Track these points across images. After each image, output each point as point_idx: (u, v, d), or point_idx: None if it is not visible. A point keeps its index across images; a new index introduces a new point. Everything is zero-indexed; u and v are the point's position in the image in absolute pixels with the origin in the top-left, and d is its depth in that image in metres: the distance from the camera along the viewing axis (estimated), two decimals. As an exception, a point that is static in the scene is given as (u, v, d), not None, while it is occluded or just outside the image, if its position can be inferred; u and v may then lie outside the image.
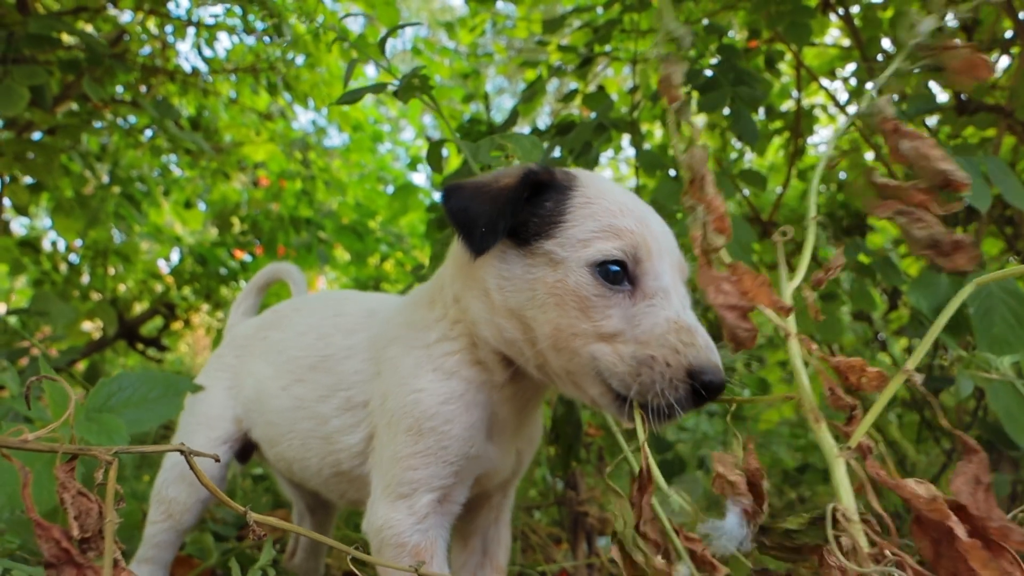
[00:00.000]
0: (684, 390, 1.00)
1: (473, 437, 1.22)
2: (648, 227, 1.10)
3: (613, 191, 1.15)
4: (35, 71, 2.08)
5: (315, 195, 3.61)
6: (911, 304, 1.71)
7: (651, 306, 1.06)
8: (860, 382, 0.96)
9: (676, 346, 1.01)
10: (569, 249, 1.08)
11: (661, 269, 1.08)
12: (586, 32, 2.62)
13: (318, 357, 1.44)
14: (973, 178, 1.63)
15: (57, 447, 0.72)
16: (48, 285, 3.26)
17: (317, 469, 1.43)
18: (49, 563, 0.70)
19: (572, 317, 1.07)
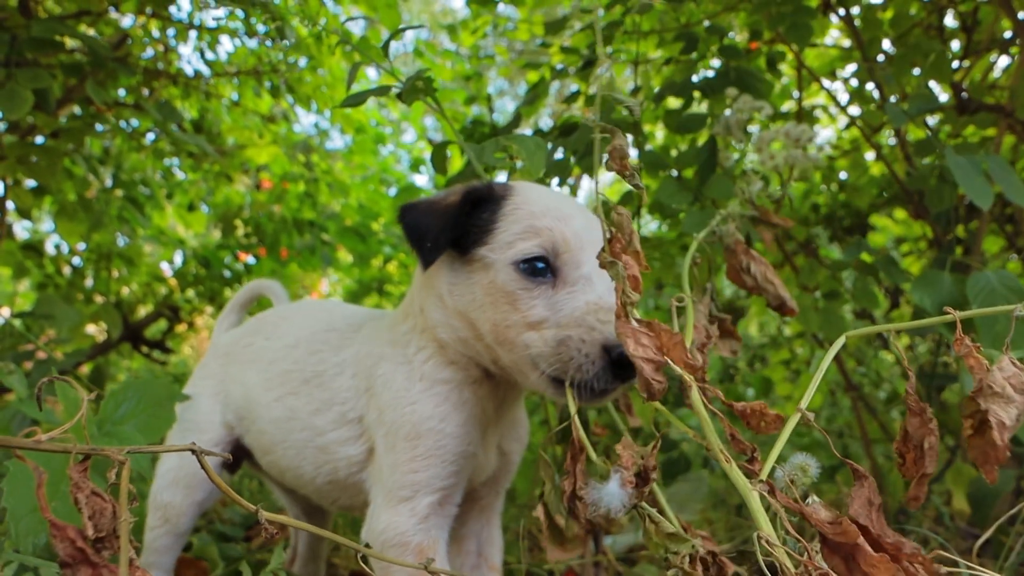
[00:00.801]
0: (600, 364, 1.11)
1: (468, 433, 1.31)
2: (569, 224, 1.21)
3: (541, 197, 1.26)
4: (39, 74, 2.09)
5: (318, 197, 3.62)
6: (914, 302, 1.72)
7: (571, 292, 1.17)
8: (760, 425, 1.02)
9: (592, 324, 1.13)
10: (498, 252, 1.21)
11: (583, 259, 1.19)
12: (587, 34, 2.63)
13: (311, 372, 1.50)
14: (975, 176, 1.65)
15: (71, 447, 0.73)
16: (52, 288, 3.26)
17: (311, 477, 1.48)
18: (65, 562, 0.71)
19: (504, 311, 1.20)
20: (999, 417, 0.91)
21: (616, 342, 1.08)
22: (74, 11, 2.70)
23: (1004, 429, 0.91)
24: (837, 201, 3.45)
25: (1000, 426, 0.91)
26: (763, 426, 1.01)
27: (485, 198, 1.26)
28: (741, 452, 1.01)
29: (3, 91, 2.02)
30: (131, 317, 3.67)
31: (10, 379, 1.55)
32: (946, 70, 2.03)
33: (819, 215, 3.22)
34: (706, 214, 1.81)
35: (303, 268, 3.81)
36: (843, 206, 3.46)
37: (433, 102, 1.55)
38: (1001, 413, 0.92)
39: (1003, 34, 2.38)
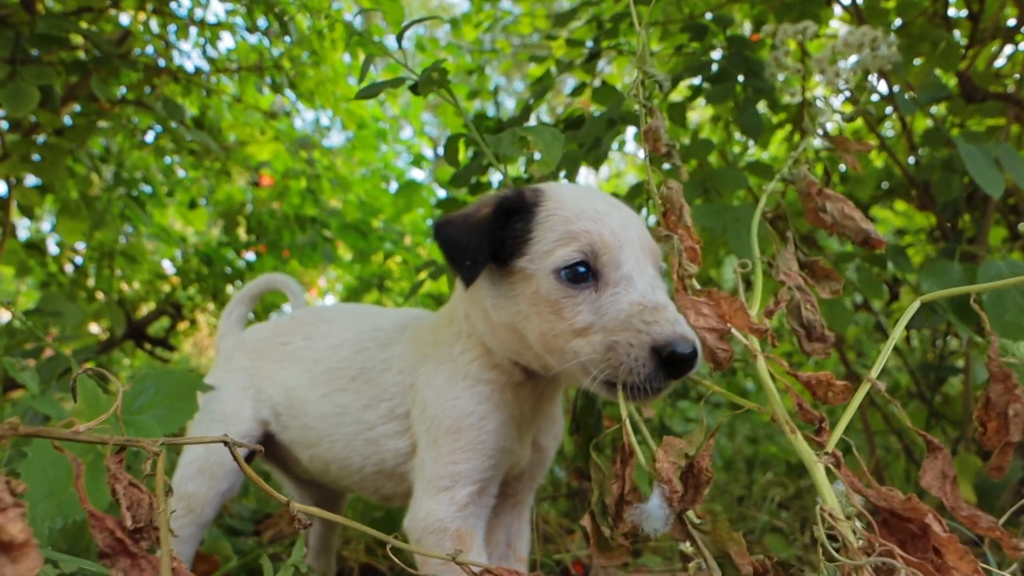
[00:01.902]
0: (651, 366, 1.10)
1: (507, 431, 1.35)
2: (605, 223, 1.20)
3: (573, 199, 1.25)
4: (44, 71, 2.08)
5: (320, 194, 3.61)
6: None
7: (615, 294, 1.16)
8: (827, 395, 1.01)
9: (638, 326, 1.11)
10: (537, 262, 1.21)
11: (622, 259, 1.18)
12: (590, 27, 2.63)
13: (358, 369, 1.56)
14: (986, 165, 1.65)
15: (107, 439, 0.73)
16: (55, 287, 3.25)
17: (359, 467, 1.54)
18: (104, 553, 0.71)
19: (550, 321, 1.20)
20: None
21: (664, 341, 1.08)
22: (75, 8, 2.68)
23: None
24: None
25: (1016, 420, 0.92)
26: (831, 396, 1.01)
27: (518, 207, 1.25)
28: (809, 422, 1.01)
29: (9, 88, 2.01)
30: (134, 315, 3.66)
31: (22, 375, 1.55)
32: (954, 59, 2.04)
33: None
34: (715, 207, 1.82)
35: (304, 265, 3.80)
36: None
37: (448, 94, 1.56)
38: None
39: (1007, 22, 2.38)
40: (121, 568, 0.71)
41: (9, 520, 0.59)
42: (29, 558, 0.60)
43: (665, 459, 1.03)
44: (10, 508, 0.60)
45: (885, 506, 0.90)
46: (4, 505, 0.60)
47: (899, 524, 0.89)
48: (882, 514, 0.90)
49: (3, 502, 0.60)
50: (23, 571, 0.59)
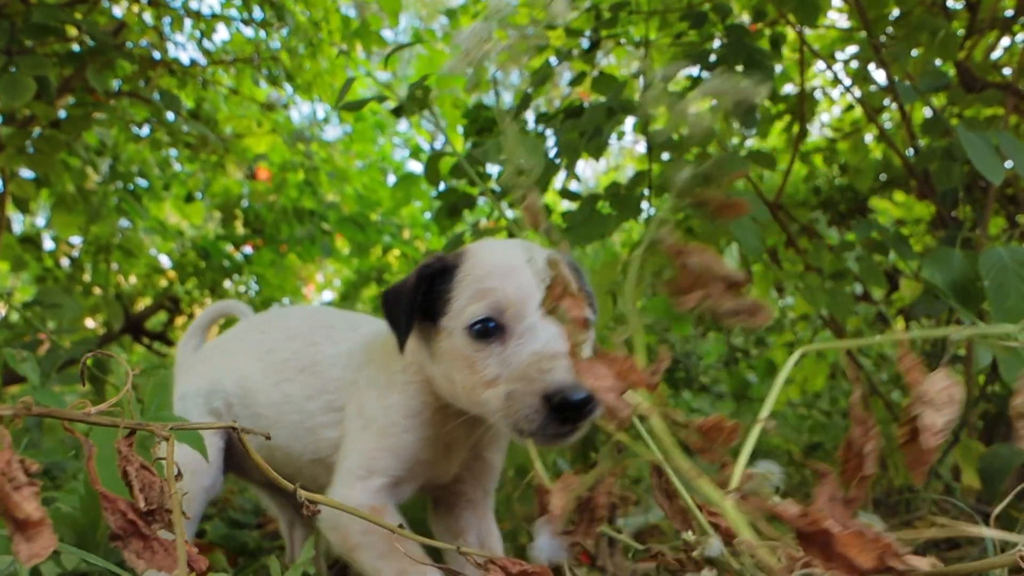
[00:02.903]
0: (544, 412, 1.15)
1: (428, 447, 1.43)
2: (512, 279, 1.26)
3: (488, 258, 1.33)
4: (40, 61, 2.07)
5: (318, 187, 3.60)
6: (926, 278, 1.72)
7: (519, 345, 1.23)
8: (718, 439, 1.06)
9: (533, 376, 1.17)
10: (454, 320, 1.29)
11: (526, 311, 1.24)
12: (588, 17, 2.62)
13: (307, 361, 1.63)
14: (987, 153, 1.65)
15: (119, 422, 0.72)
16: (51, 281, 3.24)
17: (299, 455, 1.60)
18: (116, 535, 0.70)
19: (467, 374, 1.27)
20: (929, 421, 0.98)
21: (555, 388, 1.13)
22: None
23: (932, 433, 0.98)
24: (834, 186, 3.47)
25: (930, 430, 0.98)
26: (721, 440, 1.06)
27: (440, 271, 1.34)
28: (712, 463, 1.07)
29: (4, 78, 1.99)
30: (131, 309, 3.65)
31: (23, 367, 1.54)
32: (953, 48, 2.04)
33: (820, 197, 3.24)
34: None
35: (302, 258, 3.79)
36: (840, 190, 3.48)
37: (431, 115, 1.58)
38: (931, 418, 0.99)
39: (1005, 13, 2.39)
40: (134, 550, 0.71)
41: (24, 498, 0.59)
42: (44, 536, 0.60)
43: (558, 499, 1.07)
44: (25, 487, 0.60)
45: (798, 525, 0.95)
46: (19, 484, 0.59)
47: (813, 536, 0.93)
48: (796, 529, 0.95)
49: (17, 481, 0.59)
50: (38, 549, 0.59)
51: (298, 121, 3.94)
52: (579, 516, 1.09)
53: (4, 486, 0.58)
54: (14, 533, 0.59)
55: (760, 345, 3.46)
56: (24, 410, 0.62)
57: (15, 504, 0.58)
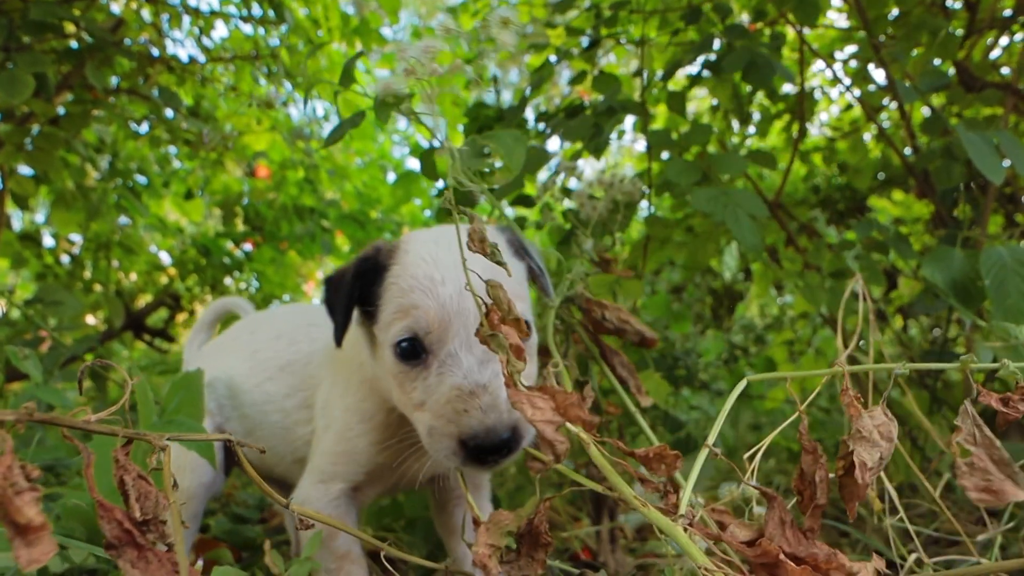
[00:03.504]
0: (462, 455, 1.12)
1: (381, 452, 1.39)
2: (435, 296, 1.17)
3: (413, 263, 1.23)
4: (39, 58, 2.06)
5: (318, 184, 3.60)
6: (926, 277, 1.73)
7: (440, 374, 1.16)
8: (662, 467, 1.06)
9: (450, 416, 1.12)
10: (382, 333, 1.23)
11: (450, 334, 1.16)
12: (588, 16, 2.62)
13: (286, 360, 1.62)
14: (987, 152, 1.66)
15: (117, 430, 0.73)
16: (51, 278, 3.24)
17: (282, 455, 1.60)
18: (111, 544, 0.70)
19: (398, 390, 1.23)
20: (863, 458, 1.00)
21: (470, 434, 1.09)
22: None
23: (866, 470, 0.99)
24: (832, 184, 3.47)
25: (863, 467, 0.99)
26: (664, 468, 1.05)
27: (373, 268, 1.27)
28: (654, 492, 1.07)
29: (3, 76, 1.99)
30: (132, 306, 3.65)
31: (25, 364, 1.54)
32: (953, 48, 2.04)
33: (819, 196, 3.24)
34: (713, 191, 1.81)
35: (302, 256, 3.79)
36: (839, 189, 3.48)
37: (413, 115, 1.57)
38: (865, 455, 1.00)
39: (1003, 12, 2.39)
40: (128, 559, 0.71)
41: (25, 503, 0.59)
42: (44, 542, 0.60)
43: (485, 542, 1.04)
44: (26, 492, 0.60)
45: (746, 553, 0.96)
46: (20, 489, 0.59)
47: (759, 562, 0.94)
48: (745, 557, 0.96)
49: (19, 486, 0.60)
50: (38, 554, 0.59)
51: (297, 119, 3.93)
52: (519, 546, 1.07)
53: (5, 491, 0.58)
54: (15, 538, 0.59)
55: (760, 343, 3.46)
56: (26, 415, 0.62)
57: (16, 509, 0.58)
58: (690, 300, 3.57)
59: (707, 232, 2.38)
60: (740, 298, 3.73)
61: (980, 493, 1.03)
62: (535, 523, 1.05)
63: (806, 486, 1.05)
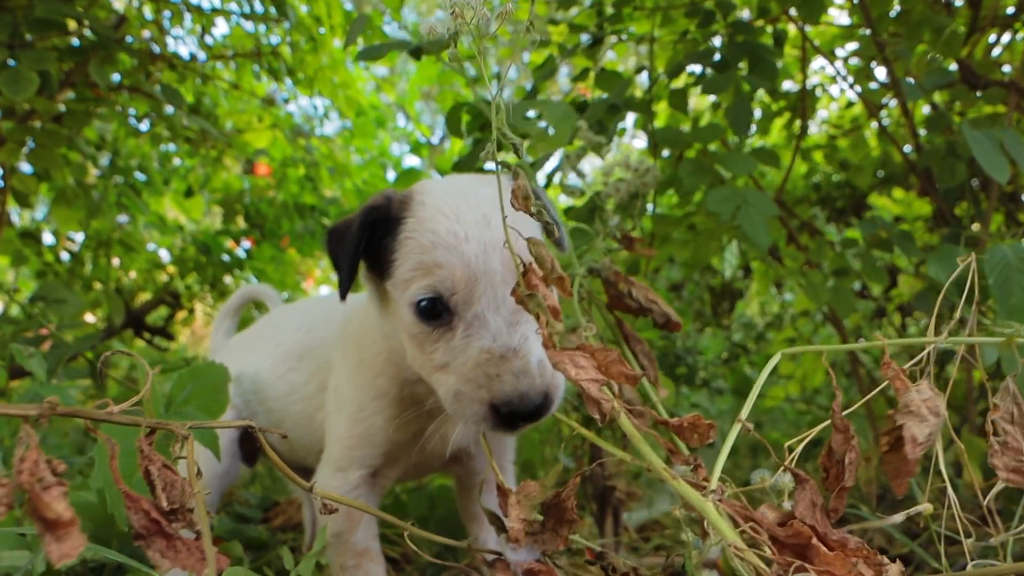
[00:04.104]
0: (492, 420, 1.08)
1: (398, 428, 1.34)
2: (460, 252, 1.11)
3: (433, 217, 1.15)
4: (43, 55, 2.06)
5: (319, 182, 3.59)
6: (931, 275, 1.73)
7: (466, 336, 1.11)
8: (694, 437, 1.05)
9: (481, 381, 1.07)
10: (398, 290, 1.16)
11: (476, 295, 1.10)
12: (590, 14, 2.62)
13: (305, 348, 1.61)
14: (992, 151, 1.66)
15: (140, 420, 0.73)
16: (51, 276, 3.23)
17: (308, 448, 1.57)
18: (139, 534, 0.71)
19: (415, 352, 1.18)
20: (913, 433, 0.99)
21: (503, 399, 1.05)
22: (70, -8, 2.65)
23: (916, 444, 0.98)
24: (831, 183, 3.48)
25: (913, 441, 0.98)
26: (696, 438, 1.05)
27: (384, 219, 1.19)
28: (684, 464, 1.06)
29: (8, 73, 1.99)
30: (131, 304, 3.64)
31: (30, 362, 1.54)
32: (956, 46, 2.05)
33: (820, 194, 3.25)
34: (725, 191, 1.82)
35: (302, 253, 3.79)
36: (838, 187, 3.49)
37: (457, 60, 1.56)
38: (915, 429, 0.99)
39: (1007, 10, 2.39)
40: (157, 548, 0.71)
41: (54, 498, 0.59)
42: (73, 537, 0.60)
43: (518, 516, 1.04)
44: (54, 486, 0.60)
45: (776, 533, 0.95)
46: (48, 484, 0.59)
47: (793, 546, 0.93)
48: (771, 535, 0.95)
49: (46, 481, 0.60)
50: (68, 549, 0.59)
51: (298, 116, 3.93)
52: (546, 519, 1.06)
53: (34, 486, 0.58)
54: (44, 533, 0.59)
55: (760, 341, 3.47)
56: (50, 409, 0.62)
57: (45, 504, 0.58)
58: (690, 298, 3.58)
59: (709, 230, 2.39)
60: (740, 296, 3.74)
61: (1009, 474, 1.02)
62: (563, 498, 1.04)
63: (833, 464, 1.03)
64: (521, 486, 1.06)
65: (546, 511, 1.05)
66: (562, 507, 1.04)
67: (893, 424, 1.00)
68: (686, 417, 1.04)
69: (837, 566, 0.85)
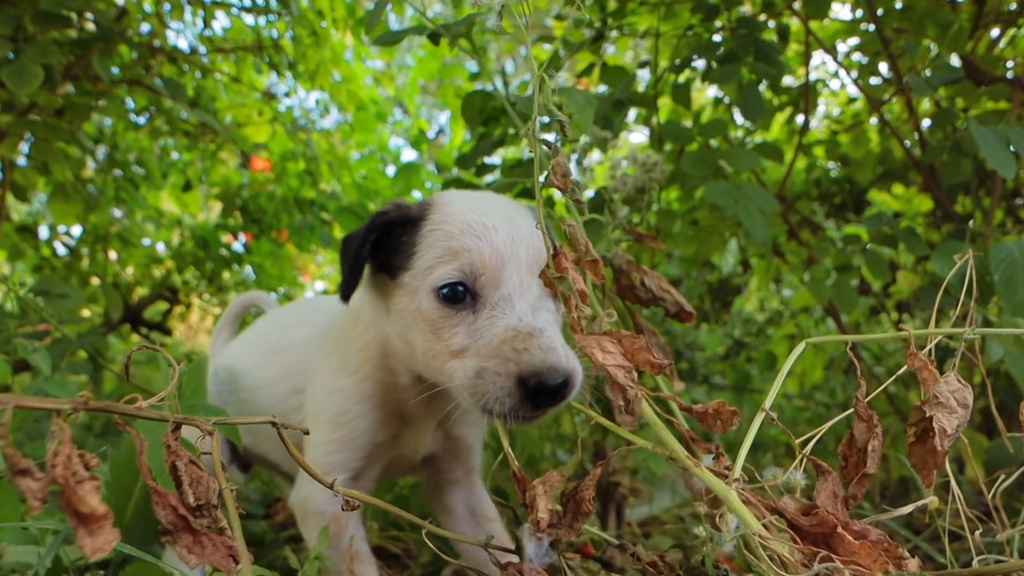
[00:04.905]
0: (517, 395, 1.08)
1: (385, 429, 1.38)
2: (489, 240, 1.16)
3: (461, 212, 1.21)
4: (47, 48, 2.05)
5: (319, 176, 3.58)
6: (935, 272, 1.74)
7: (492, 317, 1.14)
8: (717, 424, 1.05)
9: (508, 354, 1.09)
10: (419, 278, 1.19)
11: (503, 279, 1.15)
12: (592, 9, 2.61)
13: (278, 345, 1.63)
14: (999, 147, 1.67)
15: (168, 416, 0.72)
16: (48, 271, 3.21)
17: (277, 441, 1.54)
18: (166, 530, 0.70)
19: (429, 339, 1.19)
20: (942, 424, 0.99)
21: (531, 371, 1.06)
22: (69, -15, 2.62)
23: (945, 436, 0.98)
24: (830, 178, 3.49)
25: (942, 433, 0.98)
26: (719, 425, 1.05)
27: (402, 220, 1.25)
28: (705, 452, 1.06)
29: (13, 66, 1.97)
30: (129, 299, 3.62)
31: (34, 357, 1.53)
32: (962, 42, 2.05)
33: (821, 189, 3.26)
34: (726, 185, 1.82)
35: (300, 248, 3.78)
36: (836, 182, 3.50)
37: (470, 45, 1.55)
38: (944, 421, 0.99)
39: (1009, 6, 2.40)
40: (184, 544, 0.71)
41: (88, 493, 0.59)
42: (107, 531, 0.60)
43: (543, 503, 1.03)
44: (87, 481, 0.59)
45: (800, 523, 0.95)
46: (81, 478, 0.59)
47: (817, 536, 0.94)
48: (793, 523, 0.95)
49: (80, 475, 0.59)
50: (101, 543, 0.59)
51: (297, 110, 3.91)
52: (564, 511, 1.06)
53: (68, 480, 0.58)
54: (78, 527, 0.58)
55: (760, 337, 3.48)
56: (83, 404, 0.62)
57: (80, 498, 0.58)
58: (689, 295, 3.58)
59: (711, 226, 2.39)
60: (738, 292, 3.74)
61: None
62: (581, 490, 1.04)
63: (853, 453, 1.03)
64: (545, 476, 1.05)
65: (564, 502, 1.05)
66: (579, 499, 1.04)
67: (921, 415, 0.99)
68: (710, 404, 1.03)
69: (862, 555, 0.85)
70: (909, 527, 2.03)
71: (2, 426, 0.55)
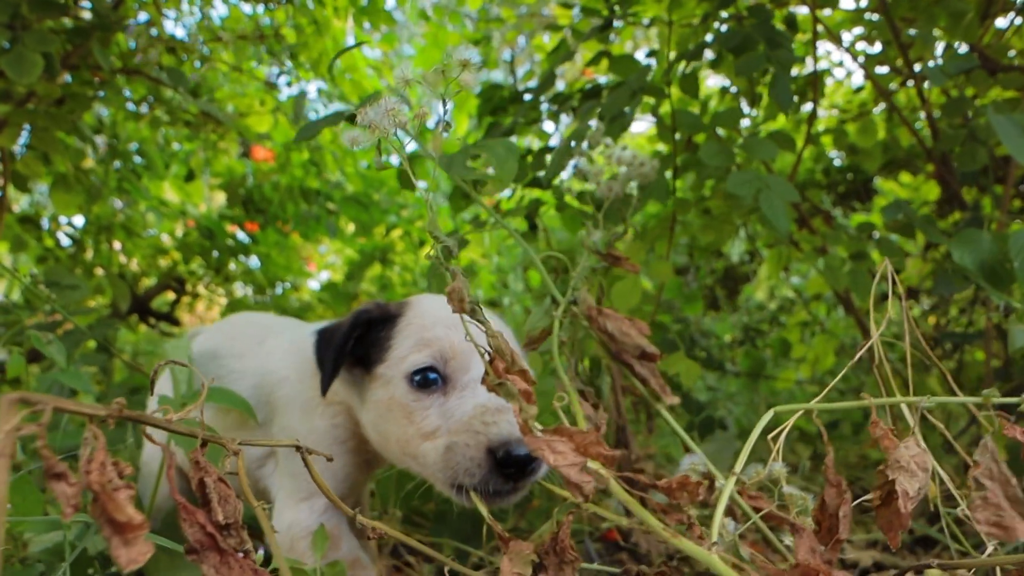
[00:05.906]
0: (487, 466, 1.12)
1: (354, 472, 1.44)
2: (458, 330, 1.17)
3: (432, 308, 1.31)
4: (47, 37, 2.01)
5: (323, 166, 3.55)
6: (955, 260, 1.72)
7: (461, 397, 1.21)
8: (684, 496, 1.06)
9: (477, 428, 1.14)
10: (393, 368, 1.26)
11: (472, 363, 1.22)
12: (599, -2, 2.58)
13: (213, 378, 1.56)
14: (1017, 134, 1.65)
15: (196, 432, 0.71)
16: (52, 262, 3.19)
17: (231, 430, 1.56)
18: (192, 548, 0.69)
19: (403, 425, 1.23)
20: (905, 488, 1.00)
21: (500, 441, 1.11)
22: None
23: (908, 499, 1.00)
24: (835, 167, 3.47)
25: (905, 496, 1.00)
26: (686, 496, 1.05)
27: (379, 318, 1.32)
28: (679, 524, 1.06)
29: (11, 55, 1.94)
30: (135, 289, 3.60)
31: (49, 349, 1.51)
32: (974, 31, 2.03)
33: (829, 178, 3.24)
34: (746, 174, 1.80)
35: (306, 238, 3.76)
36: (841, 171, 3.48)
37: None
38: (907, 484, 1.01)
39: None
40: (212, 564, 0.69)
41: (123, 501, 0.57)
42: (142, 541, 0.58)
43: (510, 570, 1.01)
44: (122, 489, 0.58)
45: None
46: (117, 486, 0.58)
47: None
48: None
49: (115, 483, 0.58)
50: (136, 554, 0.58)
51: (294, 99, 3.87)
52: (545, 563, 1.05)
53: (104, 488, 0.56)
54: (112, 536, 0.57)
55: (773, 324, 3.47)
56: (118, 412, 0.60)
57: (116, 507, 0.57)
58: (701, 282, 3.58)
59: (723, 214, 2.37)
60: (746, 280, 3.73)
61: (991, 528, 1.06)
62: (559, 539, 1.03)
63: (826, 518, 1.06)
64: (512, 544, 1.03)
65: (544, 556, 1.03)
66: (561, 549, 1.03)
67: (884, 479, 1.02)
68: (675, 478, 1.04)
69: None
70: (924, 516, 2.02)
71: (41, 426, 0.54)
